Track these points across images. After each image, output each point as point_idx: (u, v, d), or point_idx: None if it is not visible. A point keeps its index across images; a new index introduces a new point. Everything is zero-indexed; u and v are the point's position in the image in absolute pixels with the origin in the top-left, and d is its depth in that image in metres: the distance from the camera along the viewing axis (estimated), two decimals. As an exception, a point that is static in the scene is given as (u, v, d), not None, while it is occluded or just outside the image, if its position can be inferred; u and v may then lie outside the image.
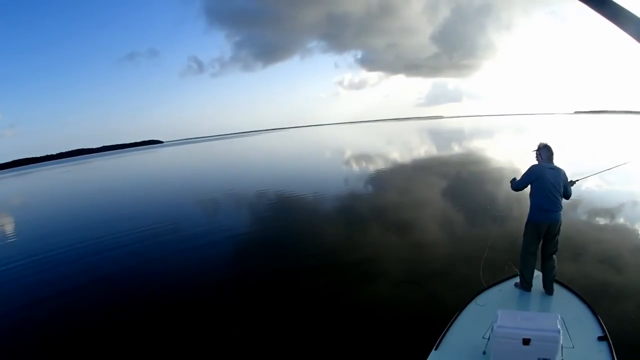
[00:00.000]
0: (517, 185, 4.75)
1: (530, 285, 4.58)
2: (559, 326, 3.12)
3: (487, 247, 5.81)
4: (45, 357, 5.56)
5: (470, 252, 7.49)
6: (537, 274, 4.70)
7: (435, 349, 3.57)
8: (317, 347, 4.85)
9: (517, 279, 4.78)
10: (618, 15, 1.82)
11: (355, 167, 24.42)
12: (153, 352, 5.27)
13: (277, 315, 5.87)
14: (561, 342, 3.11)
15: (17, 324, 6.84)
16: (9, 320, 7.10)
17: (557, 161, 4.68)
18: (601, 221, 9.12)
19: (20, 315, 7.21)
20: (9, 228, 17.82)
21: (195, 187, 22.80)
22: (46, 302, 7.65)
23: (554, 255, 4.54)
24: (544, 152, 4.70)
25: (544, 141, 4.81)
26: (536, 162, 4.74)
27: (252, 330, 5.49)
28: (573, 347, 3.37)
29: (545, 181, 4.45)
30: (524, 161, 4.94)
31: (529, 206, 4.59)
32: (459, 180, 16.81)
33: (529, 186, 4.61)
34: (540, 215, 4.47)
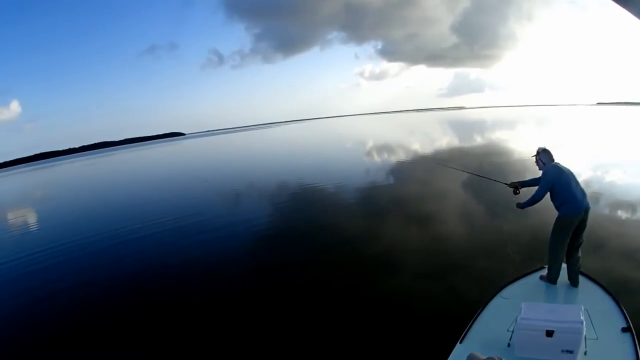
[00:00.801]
0: (539, 194, 4.63)
1: (557, 278, 4.59)
2: (582, 318, 3.15)
3: (509, 241, 5.81)
4: (63, 341, 5.83)
5: (492, 245, 7.46)
6: (562, 267, 4.69)
7: (460, 342, 3.60)
8: (341, 340, 4.91)
9: (542, 272, 4.77)
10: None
11: (376, 159, 24.35)
12: (173, 340, 5.43)
13: (299, 308, 5.94)
14: (584, 333, 3.12)
15: (39, 309, 7.23)
16: (36, 303, 7.49)
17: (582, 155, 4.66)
18: (624, 214, 8.93)
19: (41, 302, 7.59)
20: (35, 218, 18.57)
21: (217, 178, 23.21)
22: (67, 286, 8.13)
23: (579, 248, 4.56)
24: (544, 156, 4.79)
25: (542, 145, 4.91)
26: (537, 168, 4.88)
27: (273, 322, 5.56)
28: (597, 339, 3.36)
29: (566, 175, 4.53)
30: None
31: (555, 205, 4.59)
32: (481, 172, 16.56)
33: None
34: (575, 207, 4.45)
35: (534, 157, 4.92)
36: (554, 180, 4.53)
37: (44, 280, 8.80)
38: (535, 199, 4.66)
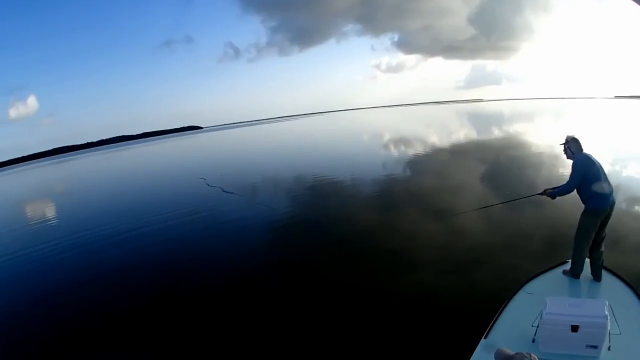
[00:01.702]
0: (571, 185, 4.51)
1: (581, 273, 4.53)
2: (606, 312, 3.11)
3: (530, 235, 5.72)
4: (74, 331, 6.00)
5: (513, 239, 7.40)
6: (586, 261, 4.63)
7: (485, 338, 3.59)
8: (364, 335, 4.93)
9: (565, 267, 4.72)
10: None
11: (394, 152, 24.18)
12: (188, 333, 5.55)
13: (318, 301, 5.98)
14: (609, 328, 3.09)
15: (58, 299, 7.52)
16: (53, 293, 7.80)
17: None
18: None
19: (57, 293, 7.92)
20: (50, 211, 19.16)
21: (234, 171, 23.41)
22: (82, 279, 8.41)
23: (602, 242, 4.51)
24: (573, 145, 4.65)
25: (571, 133, 4.75)
26: (565, 157, 4.75)
27: (294, 317, 5.59)
28: (620, 334, 3.33)
29: (596, 167, 4.42)
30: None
31: (583, 198, 4.50)
32: (500, 166, 16.34)
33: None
34: (603, 200, 4.37)
35: (562, 146, 4.77)
36: (586, 170, 4.41)
37: (58, 271, 9.23)
38: (567, 189, 4.56)
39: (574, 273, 4.53)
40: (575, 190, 4.53)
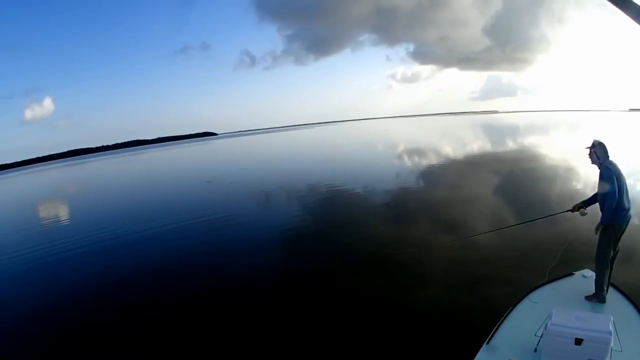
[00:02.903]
0: (612, 191, 4.13)
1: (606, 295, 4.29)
2: (611, 328, 3.13)
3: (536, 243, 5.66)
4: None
5: (519, 248, 7.39)
6: (592, 275, 4.61)
7: (487, 343, 3.64)
8: (368, 341, 5.00)
9: (571, 278, 4.73)
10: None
11: (408, 163, 24.06)
12: (193, 337, 5.68)
13: (322, 307, 6.06)
14: (612, 344, 3.11)
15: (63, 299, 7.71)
16: (61, 291, 8.05)
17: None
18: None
19: (62, 292, 8.14)
20: (60, 212, 19.59)
21: (248, 178, 23.62)
22: (89, 281, 8.59)
23: (614, 258, 4.40)
24: (600, 149, 4.38)
25: (598, 138, 4.47)
26: (590, 161, 4.51)
27: (300, 326, 5.61)
28: (621, 351, 3.34)
29: (622, 179, 4.23)
30: (584, 161, 4.71)
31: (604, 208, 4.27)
32: (512, 178, 16.20)
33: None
34: (624, 215, 4.21)
35: (588, 149, 4.48)
36: (616, 176, 4.16)
37: (66, 272, 9.47)
38: (612, 195, 4.14)
39: (599, 298, 4.25)
40: (598, 200, 4.34)
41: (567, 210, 4.84)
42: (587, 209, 4.67)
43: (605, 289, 4.29)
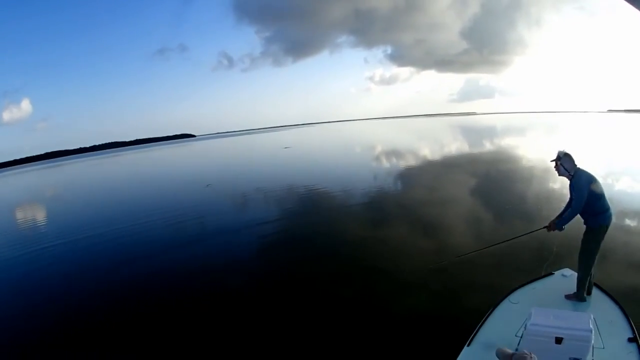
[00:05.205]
0: (579, 204, 4.18)
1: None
2: (591, 326, 3.14)
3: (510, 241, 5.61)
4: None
5: (499, 247, 7.43)
6: (572, 274, 4.65)
7: (468, 345, 3.62)
8: (348, 343, 4.95)
9: (550, 278, 4.76)
10: None
11: (386, 166, 24.08)
12: (178, 339, 5.52)
13: (302, 309, 6.01)
14: (592, 342, 3.12)
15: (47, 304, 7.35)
16: (46, 296, 7.61)
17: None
18: (634, 223, 8.77)
19: (45, 299, 7.78)
20: (38, 215, 18.87)
21: (224, 181, 23.36)
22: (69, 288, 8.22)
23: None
24: (567, 161, 4.30)
25: (562, 149, 4.38)
26: (557, 174, 4.42)
27: (280, 329, 5.53)
28: (603, 348, 3.37)
29: (598, 183, 4.24)
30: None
31: (585, 216, 4.30)
32: (491, 182, 16.45)
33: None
34: (608, 216, 4.24)
35: (553, 162, 4.40)
36: (590, 187, 4.16)
37: (45, 278, 9.14)
38: (576, 211, 4.24)
39: (580, 297, 4.29)
40: (576, 210, 4.27)
41: (543, 227, 4.63)
42: (560, 221, 4.46)
43: (588, 288, 4.32)
